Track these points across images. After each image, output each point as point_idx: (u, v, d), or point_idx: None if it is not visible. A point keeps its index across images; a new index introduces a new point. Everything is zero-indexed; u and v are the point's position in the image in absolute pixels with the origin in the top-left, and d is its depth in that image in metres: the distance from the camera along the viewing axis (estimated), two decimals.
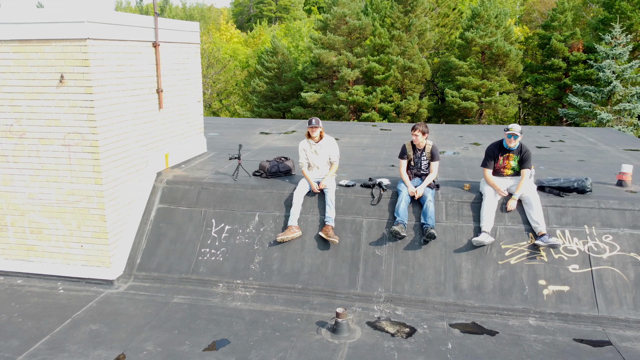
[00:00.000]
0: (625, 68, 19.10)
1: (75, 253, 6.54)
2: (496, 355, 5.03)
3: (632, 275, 5.84)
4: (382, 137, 11.44)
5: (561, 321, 5.64)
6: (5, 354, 5.03)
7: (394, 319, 5.72)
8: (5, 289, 6.42)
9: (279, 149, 9.87)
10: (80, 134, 6.10)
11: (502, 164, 6.56)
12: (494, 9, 33.67)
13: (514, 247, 6.20)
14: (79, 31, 5.77)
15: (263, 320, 5.69)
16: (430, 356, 5.00)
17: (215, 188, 7.24)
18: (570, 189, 6.60)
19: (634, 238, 6.06)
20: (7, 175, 6.46)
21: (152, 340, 5.29)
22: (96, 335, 5.38)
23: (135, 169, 6.94)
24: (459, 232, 6.40)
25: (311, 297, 6.12)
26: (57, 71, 5.95)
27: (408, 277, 6.18)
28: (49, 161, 6.29)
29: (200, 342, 5.24)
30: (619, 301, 5.71)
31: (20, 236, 6.64)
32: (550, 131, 12.32)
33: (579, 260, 6.02)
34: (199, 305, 6.02)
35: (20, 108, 6.18)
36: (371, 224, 6.63)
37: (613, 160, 8.99)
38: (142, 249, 6.82)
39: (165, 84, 7.54)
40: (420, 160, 6.73)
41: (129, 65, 6.63)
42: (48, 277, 6.59)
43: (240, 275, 6.44)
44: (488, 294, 5.95)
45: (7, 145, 6.33)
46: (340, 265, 6.37)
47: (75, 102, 6.00)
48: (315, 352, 5.05)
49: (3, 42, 5.99)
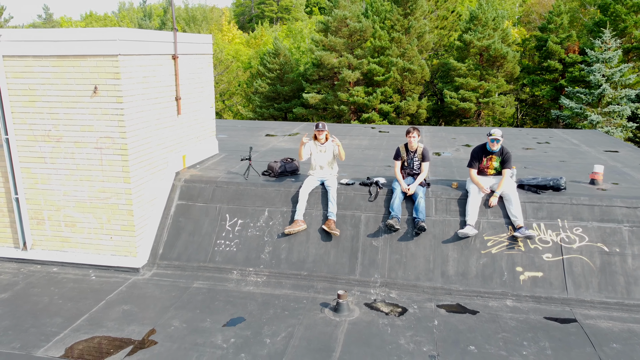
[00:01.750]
0: (615, 71, 19.85)
1: (105, 244, 7.34)
2: (476, 330, 5.82)
3: (598, 263, 6.63)
4: (380, 139, 12.23)
5: (534, 302, 6.43)
6: (52, 329, 5.84)
7: (388, 301, 6.52)
8: (43, 276, 7.22)
9: (285, 150, 10.66)
10: (111, 138, 6.90)
11: (485, 165, 7.35)
12: (492, 11, 34.37)
13: (495, 238, 6.99)
14: (111, 48, 6.56)
15: (273, 301, 6.49)
16: (419, 331, 5.80)
17: (229, 186, 8.03)
18: (546, 186, 7.38)
19: (601, 230, 6.85)
20: (45, 174, 7.25)
21: (178, 318, 6.09)
22: (128, 314, 6.18)
23: (157, 169, 7.74)
24: (446, 225, 7.19)
25: (315, 283, 6.92)
26: (91, 83, 6.75)
27: (401, 265, 6.97)
28: (82, 162, 7.09)
29: (219, 320, 6.04)
30: (586, 285, 6.50)
31: (55, 229, 7.44)
32: (539, 133, 13.10)
33: (552, 249, 6.81)
34: (216, 290, 6.82)
35: (58, 115, 6.97)
36: (369, 218, 7.43)
37: (592, 160, 9.77)
38: (163, 240, 7.62)
39: (182, 92, 8.33)
40: (413, 161, 7.52)
41: (152, 76, 7.42)
42: (81, 265, 7.40)
43: (252, 264, 7.24)
44: (471, 279, 6.74)
45: (45, 148, 7.13)
46: (341, 255, 7.16)
47: (107, 110, 6.80)
48: (320, 328, 5.85)
49: (43, 57, 6.78)
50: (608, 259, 6.64)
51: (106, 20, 78.12)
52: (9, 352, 5.39)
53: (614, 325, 5.95)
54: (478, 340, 5.61)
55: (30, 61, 6.82)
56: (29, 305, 6.39)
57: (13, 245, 7.61)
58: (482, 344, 5.54)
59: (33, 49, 6.75)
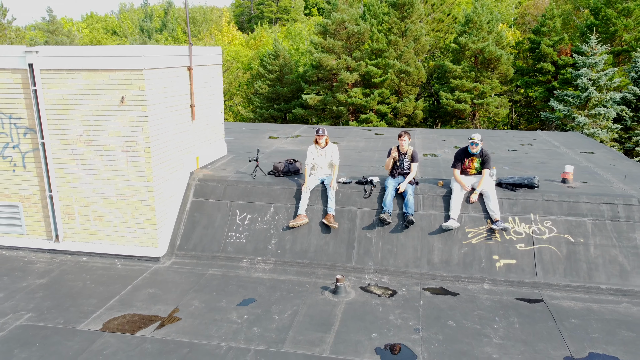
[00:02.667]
0: (601, 75, 20.79)
1: (129, 236, 8.25)
2: (455, 308, 6.74)
3: (565, 252, 7.56)
4: (376, 141, 13.14)
5: (508, 286, 7.35)
6: (89, 308, 6.74)
7: (381, 285, 7.44)
8: (74, 264, 8.13)
9: (287, 152, 11.56)
10: (135, 142, 7.80)
11: (467, 165, 8.27)
12: (486, 15, 35.27)
13: (475, 230, 7.91)
14: (136, 63, 7.46)
15: (280, 285, 7.40)
16: (406, 309, 6.72)
17: (238, 185, 8.94)
18: (521, 185, 8.31)
19: (568, 223, 7.78)
20: (76, 174, 8.16)
21: (197, 299, 7.00)
22: (154, 296, 7.09)
23: (174, 169, 8.65)
24: (432, 219, 8.11)
25: (316, 270, 7.83)
26: (119, 93, 7.65)
27: (392, 254, 7.89)
28: (110, 163, 7.99)
29: (233, 300, 6.95)
30: (553, 271, 7.42)
31: (85, 223, 8.34)
32: (524, 135, 14.03)
33: (525, 240, 7.73)
34: (229, 276, 7.73)
35: (89, 122, 7.87)
36: (364, 213, 8.34)
37: (569, 161, 10.69)
38: (180, 233, 8.53)
39: (196, 99, 9.23)
40: (403, 162, 8.44)
41: (170, 86, 8.32)
42: (107, 255, 8.30)
43: (260, 253, 8.15)
44: (454, 266, 7.66)
45: (76, 151, 8.03)
46: (339, 245, 8.08)
47: (133, 117, 7.70)
48: (320, 307, 6.77)
49: (76, 71, 7.68)
50: (573, 248, 7.56)
51: (107, 21, 78.93)
52: (55, 327, 6.29)
53: (575, 304, 6.88)
54: (457, 317, 6.53)
55: (64, 74, 7.72)
56: (66, 289, 7.30)
57: (46, 238, 8.51)
58: (460, 319, 6.47)
59: (67, 64, 7.65)
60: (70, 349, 5.80)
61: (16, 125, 8.09)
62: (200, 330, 6.19)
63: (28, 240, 8.54)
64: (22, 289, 7.29)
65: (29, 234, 8.54)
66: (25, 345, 5.88)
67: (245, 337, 6.04)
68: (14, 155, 8.24)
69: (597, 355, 5.71)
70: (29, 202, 8.41)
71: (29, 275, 7.71)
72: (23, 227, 8.53)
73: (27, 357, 5.65)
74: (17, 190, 8.39)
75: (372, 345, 5.88)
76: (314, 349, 5.80)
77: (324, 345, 5.87)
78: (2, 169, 8.33)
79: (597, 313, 6.66)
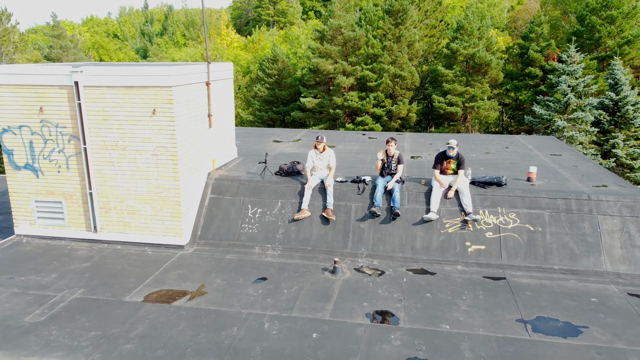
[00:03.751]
0: (579, 82, 22.31)
1: (158, 227, 9.66)
2: (432, 284, 8.20)
3: (525, 239, 9.02)
4: (369, 145, 14.60)
5: (477, 267, 8.81)
6: (130, 285, 8.17)
7: (371, 267, 8.88)
8: (111, 251, 9.54)
9: (291, 154, 13.00)
10: (164, 147, 9.22)
11: (445, 167, 9.73)
12: (477, 21, 36.79)
13: (451, 221, 9.36)
14: (166, 81, 8.88)
15: (287, 267, 8.84)
16: (392, 285, 8.16)
17: (249, 183, 10.37)
18: (491, 183, 9.77)
19: (529, 215, 9.24)
20: (112, 175, 9.57)
21: (219, 278, 8.43)
22: (182, 276, 8.52)
23: (195, 170, 10.07)
24: (415, 212, 9.56)
25: (317, 255, 9.27)
26: (151, 106, 9.07)
27: (381, 241, 9.34)
28: (142, 165, 9.41)
29: (249, 279, 8.38)
30: (515, 254, 8.88)
31: (119, 216, 9.76)
32: (503, 139, 15.51)
33: (493, 229, 9.19)
34: (244, 260, 9.16)
35: (124, 130, 9.29)
36: (357, 207, 9.79)
37: (537, 163, 12.16)
38: (201, 225, 9.95)
39: (212, 109, 10.65)
40: (391, 164, 9.89)
41: (193, 99, 9.75)
42: (138, 244, 9.72)
43: (269, 242, 9.58)
44: (433, 251, 9.12)
45: (113, 154, 9.45)
46: (336, 234, 9.52)
47: (162, 126, 9.12)
48: (321, 283, 8.21)
49: (114, 87, 9.10)
50: (532, 236, 9.03)
51: (107, 24, 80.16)
52: (105, 299, 7.72)
53: (531, 281, 8.34)
54: (433, 290, 7.98)
55: (104, 90, 9.14)
56: (108, 270, 8.72)
57: (86, 229, 9.92)
58: (436, 292, 7.92)
59: (106, 81, 9.07)
60: (121, 315, 7.23)
61: (62, 133, 9.50)
62: (224, 301, 7.62)
63: (70, 231, 9.95)
64: (71, 270, 8.71)
65: (71, 225, 9.95)
66: (84, 312, 7.31)
67: (261, 305, 7.48)
68: (59, 159, 9.65)
69: (543, 318, 7.18)
70: (71, 199, 9.82)
71: (74, 260, 9.13)
72: (65, 220, 9.93)
73: (87, 320, 7.08)
74: (61, 188, 9.80)
75: (363, 311, 7.33)
76: (316, 314, 7.24)
77: (325, 311, 7.32)
78: (49, 170, 9.74)
79: (548, 287, 8.13)
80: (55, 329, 6.86)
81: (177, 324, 6.97)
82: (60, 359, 6.21)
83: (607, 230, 8.90)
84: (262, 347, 6.41)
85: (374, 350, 6.34)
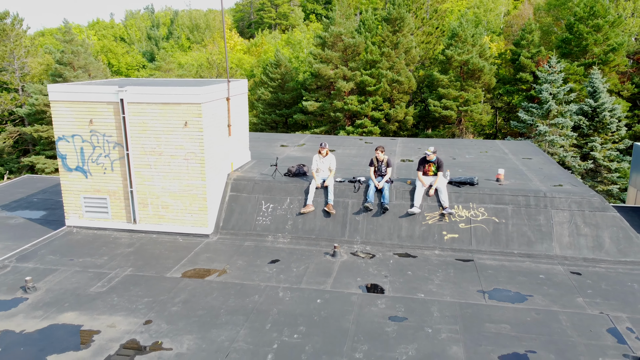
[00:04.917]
0: (560, 90, 24.24)
1: (187, 219, 11.60)
2: (413, 265, 10.13)
3: (492, 229, 10.95)
4: (366, 149, 16.54)
5: (452, 252, 10.74)
6: (169, 265, 10.10)
7: (365, 252, 10.81)
8: (149, 239, 11.48)
9: (297, 158, 14.92)
10: (194, 153, 11.16)
11: (427, 169, 11.66)
12: (471, 29, 38.64)
13: (431, 214, 11.29)
14: (197, 99, 10.81)
15: (295, 252, 10.77)
16: (381, 266, 10.10)
17: (263, 183, 12.30)
18: (465, 182, 11.70)
19: (495, 209, 11.17)
20: (150, 176, 11.50)
21: (240, 260, 10.37)
22: (209, 258, 10.46)
23: (218, 171, 12.00)
24: (402, 207, 11.49)
25: (320, 242, 11.21)
26: (183, 119, 11.00)
27: (373, 231, 11.27)
28: (175, 168, 11.34)
29: (265, 261, 10.32)
30: (483, 242, 10.81)
31: (155, 210, 11.69)
32: (484, 144, 17.43)
33: (465, 221, 11.12)
34: (259, 246, 11.09)
35: (160, 139, 11.23)
36: (354, 203, 11.72)
37: (509, 165, 14.07)
38: (222, 218, 11.89)
39: (231, 120, 12.59)
40: (381, 167, 11.82)
41: (216, 113, 11.68)
42: (171, 233, 11.66)
43: (280, 231, 11.51)
44: (415, 239, 11.05)
45: (151, 159, 11.38)
46: (336, 226, 11.45)
47: (193, 136, 11.05)
48: (324, 264, 10.14)
49: (153, 104, 11.03)
50: (497, 226, 10.95)
51: (113, 28, 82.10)
52: (151, 275, 9.66)
53: (494, 263, 10.27)
54: (414, 269, 9.92)
55: (144, 105, 11.07)
56: (149, 254, 10.66)
57: (126, 221, 11.86)
58: (416, 271, 9.86)
59: (147, 99, 11.00)
60: (165, 287, 9.17)
61: (108, 141, 11.44)
62: (246, 277, 9.56)
63: (113, 223, 11.89)
64: (118, 254, 10.65)
65: (114, 218, 11.89)
66: (135, 284, 9.25)
67: (276, 280, 9.42)
68: (105, 162, 11.59)
69: (498, 289, 9.11)
70: (114, 196, 11.76)
71: (119, 246, 11.08)
72: (109, 214, 11.87)
73: (140, 290, 9.02)
74: (106, 187, 11.74)
75: (357, 284, 9.27)
76: (320, 286, 9.18)
77: (327, 284, 9.25)
78: (96, 172, 11.68)
79: (507, 267, 10.06)
80: (115, 297, 8.80)
81: (210, 293, 8.91)
82: (124, 317, 8.15)
83: (558, 221, 10.82)
84: (278, 309, 8.35)
85: (364, 311, 8.28)
